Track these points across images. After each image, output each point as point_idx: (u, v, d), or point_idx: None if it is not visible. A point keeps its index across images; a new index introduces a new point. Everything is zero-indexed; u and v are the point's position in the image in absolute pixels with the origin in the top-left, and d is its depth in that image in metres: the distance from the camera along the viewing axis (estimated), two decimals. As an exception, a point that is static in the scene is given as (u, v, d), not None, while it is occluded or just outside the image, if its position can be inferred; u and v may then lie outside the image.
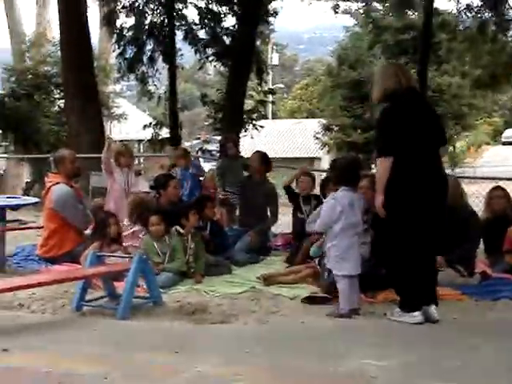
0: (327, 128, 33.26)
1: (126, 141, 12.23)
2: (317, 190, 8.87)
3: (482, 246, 8.03)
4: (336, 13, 23.67)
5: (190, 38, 17.02)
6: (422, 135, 5.76)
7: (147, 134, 19.71)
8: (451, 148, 43.18)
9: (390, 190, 5.67)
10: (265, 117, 26.80)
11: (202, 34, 17.29)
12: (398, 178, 5.64)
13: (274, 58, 49.40)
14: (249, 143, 18.98)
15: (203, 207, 8.32)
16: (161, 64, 17.68)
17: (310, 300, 6.50)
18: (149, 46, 17.17)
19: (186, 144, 18.50)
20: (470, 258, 7.40)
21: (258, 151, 9.83)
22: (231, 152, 9.65)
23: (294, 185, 8.97)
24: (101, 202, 9.16)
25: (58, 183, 8.43)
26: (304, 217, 8.49)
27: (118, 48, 17.18)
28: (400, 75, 5.94)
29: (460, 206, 7.44)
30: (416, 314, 5.75)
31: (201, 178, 10.03)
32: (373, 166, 9.72)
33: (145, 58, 17.19)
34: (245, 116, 17.34)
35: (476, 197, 10.08)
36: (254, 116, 18.78)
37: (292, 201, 8.90)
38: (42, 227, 8.78)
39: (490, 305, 6.50)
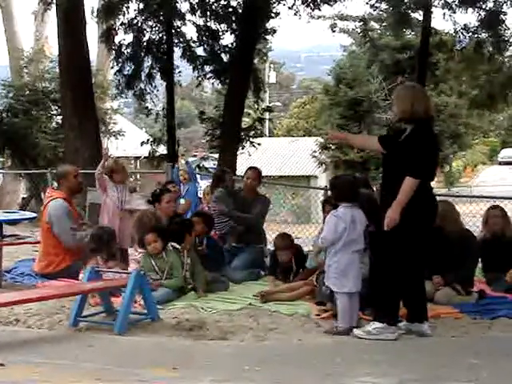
0: (324, 146, 33.26)
1: (123, 157, 12.16)
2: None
3: (479, 264, 8.05)
4: (333, 32, 23.80)
5: (189, 55, 17.00)
6: (437, 163, 6.07)
7: (144, 150, 19.68)
8: (447, 167, 43.36)
9: (408, 211, 5.68)
10: (262, 134, 26.74)
11: (200, 51, 17.27)
12: (417, 201, 5.70)
13: (271, 77, 49.51)
14: (246, 160, 18.96)
15: (193, 223, 8.25)
16: (158, 81, 17.67)
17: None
18: (147, 63, 17.13)
19: (182, 161, 18.42)
20: (468, 277, 7.42)
21: (252, 167, 9.79)
22: (228, 184, 9.75)
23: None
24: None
25: (56, 198, 8.41)
26: None
27: (117, 65, 17.12)
28: (427, 100, 6.05)
29: (458, 229, 7.51)
30: (395, 329, 5.84)
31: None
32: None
33: (143, 75, 17.15)
34: (242, 133, 17.34)
35: (473, 216, 10.09)
36: (252, 133, 18.78)
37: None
38: (39, 242, 8.74)
39: (487, 323, 6.48)
